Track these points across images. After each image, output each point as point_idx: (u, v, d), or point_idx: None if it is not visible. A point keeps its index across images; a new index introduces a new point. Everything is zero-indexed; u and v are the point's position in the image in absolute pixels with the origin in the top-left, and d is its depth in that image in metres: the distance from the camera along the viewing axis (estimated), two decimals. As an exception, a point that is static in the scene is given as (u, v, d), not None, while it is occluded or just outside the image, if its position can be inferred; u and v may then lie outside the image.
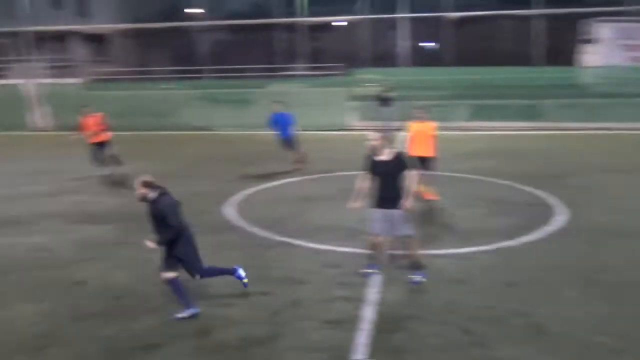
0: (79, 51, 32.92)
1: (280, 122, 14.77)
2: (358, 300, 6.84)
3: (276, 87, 24.69)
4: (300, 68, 31.89)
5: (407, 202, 7.18)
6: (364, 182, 7.48)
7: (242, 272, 7.11)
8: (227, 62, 31.50)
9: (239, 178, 13.98)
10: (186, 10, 35.95)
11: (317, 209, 11.02)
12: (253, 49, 34.65)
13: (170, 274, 6.48)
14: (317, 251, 8.65)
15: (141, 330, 6.26)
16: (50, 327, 6.39)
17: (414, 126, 11.10)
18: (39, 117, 24.24)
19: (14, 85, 24.77)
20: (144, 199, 6.42)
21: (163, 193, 6.42)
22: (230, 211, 11.01)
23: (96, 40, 35.34)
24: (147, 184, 6.40)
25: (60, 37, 30.12)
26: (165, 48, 35.55)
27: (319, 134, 20.14)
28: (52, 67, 25.25)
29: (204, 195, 12.37)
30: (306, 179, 13.82)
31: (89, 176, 14.46)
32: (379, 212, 7.36)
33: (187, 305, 6.52)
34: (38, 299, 7.16)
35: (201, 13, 34.49)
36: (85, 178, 14.32)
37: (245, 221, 10.28)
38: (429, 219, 10.18)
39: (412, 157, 9.31)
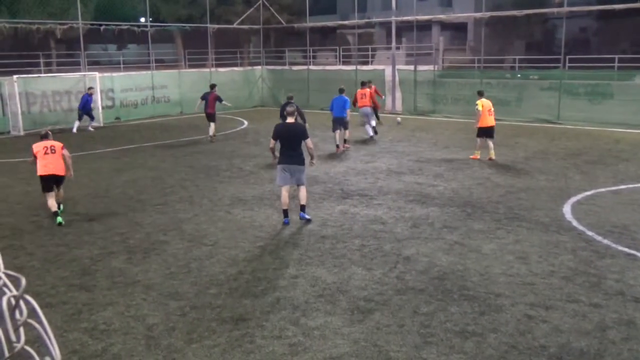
0: (439, 40, 34.44)
1: None
2: None
3: (643, 80, 22.01)
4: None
5: None
6: None
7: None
8: (591, 52, 29.20)
9: (581, 176, 12.99)
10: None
11: (673, 222, 9.60)
12: (621, 37, 31.49)
13: None
14: (665, 270, 7.58)
15: (459, 315, 6.38)
16: (377, 294, 6.97)
17: None
18: (393, 101, 26.22)
19: (379, 71, 27.13)
20: None
21: None
22: (566, 211, 10.34)
23: (456, 28, 36.48)
24: None
25: (423, 27, 31.96)
26: (522, 37, 34.72)
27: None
28: (412, 55, 26.98)
29: (539, 190, 11.86)
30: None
31: (428, 159, 15.18)
32: None
33: None
34: (369, 267, 7.87)
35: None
36: (425, 161, 15.07)
37: (581, 224, 9.54)
38: None
39: None
